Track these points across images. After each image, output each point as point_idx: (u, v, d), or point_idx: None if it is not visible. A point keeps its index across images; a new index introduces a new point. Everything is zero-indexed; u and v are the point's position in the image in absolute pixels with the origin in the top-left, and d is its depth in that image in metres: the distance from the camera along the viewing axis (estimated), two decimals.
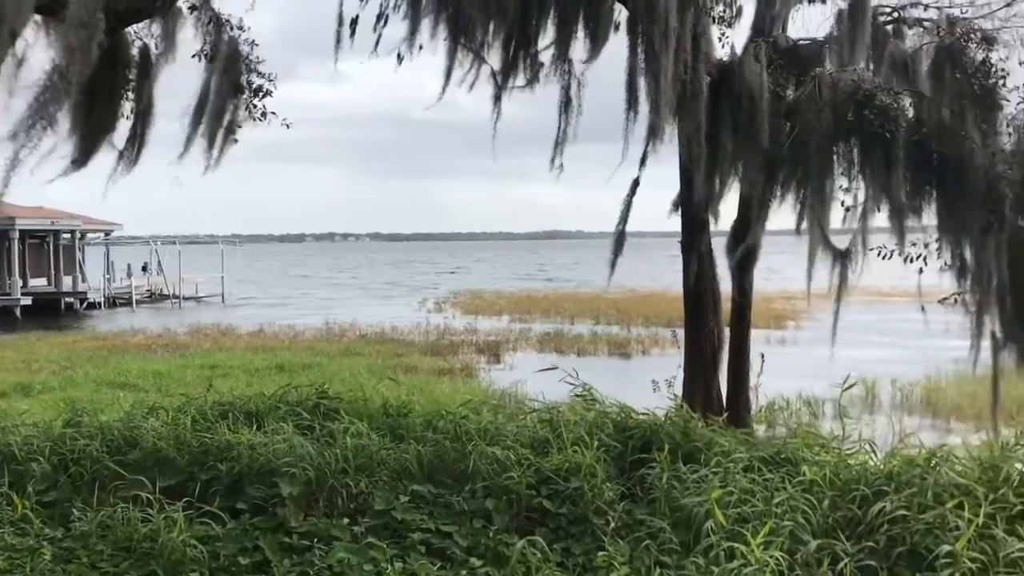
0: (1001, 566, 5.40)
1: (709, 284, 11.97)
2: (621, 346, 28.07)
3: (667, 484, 6.76)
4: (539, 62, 9.91)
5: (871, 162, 9.60)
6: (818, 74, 9.85)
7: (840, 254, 9.98)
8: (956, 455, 6.72)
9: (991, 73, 9.74)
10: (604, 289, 46.74)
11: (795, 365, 21.72)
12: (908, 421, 16.94)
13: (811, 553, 5.65)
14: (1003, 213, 9.34)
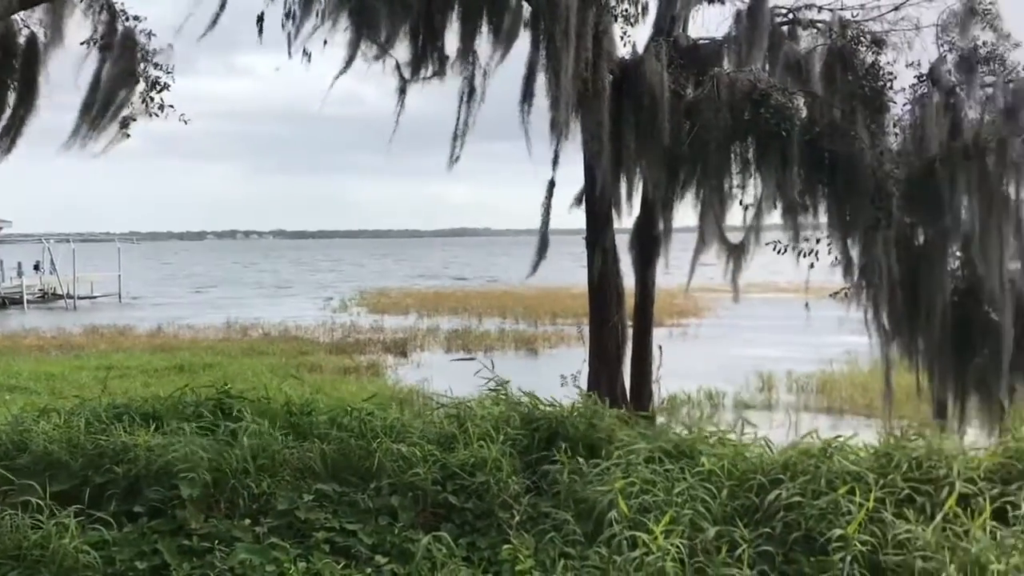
0: (890, 547, 5.61)
1: (613, 280, 12.14)
2: (528, 342, 28.25)
3: (571, 477, 6.83)
4: (445, 55, 9.89)
5: (767, 161, 9.88)
6: (716, 74, 10.08)
7: (735, 250, 10.24)
8: (849, 444, 6.96)
9: (880, 75, 10.12)
10: (512, 286, 47.01)
11: (698, 358, 22.21)
12: (804, 412, 17.50)
13: (710, 540, 5.78)
14: (890, 211, 9.72)
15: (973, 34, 10.40)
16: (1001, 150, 9.85)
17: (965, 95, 10.26)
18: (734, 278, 10.41)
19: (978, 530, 5.48)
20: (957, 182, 10.12)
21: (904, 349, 11.01)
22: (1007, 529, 5.72)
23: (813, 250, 10.76)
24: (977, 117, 10.35)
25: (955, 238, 10.58)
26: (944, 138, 10.18)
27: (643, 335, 12.67)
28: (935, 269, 10.42)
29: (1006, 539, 5.55)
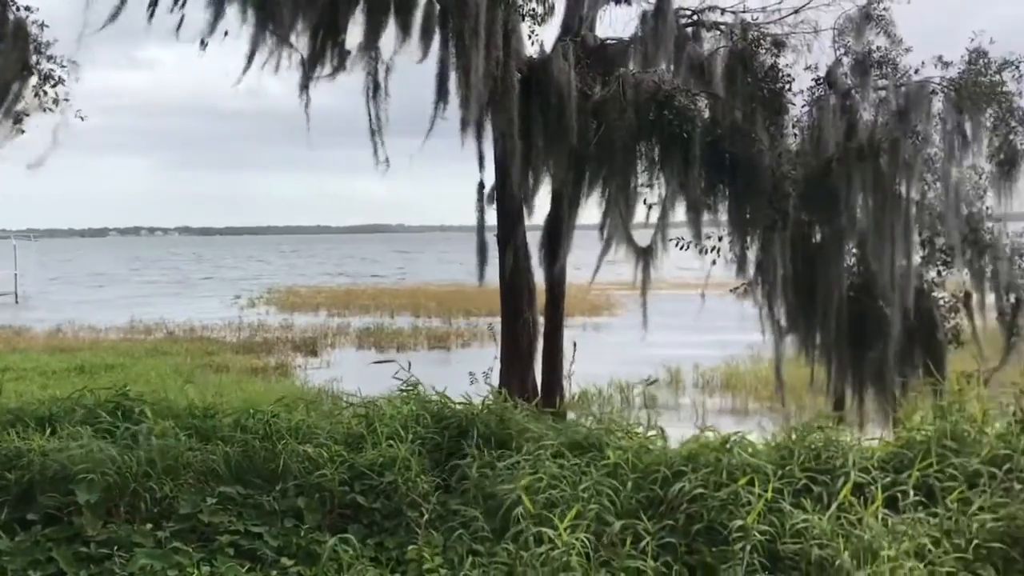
0: (788, 536, 5.77)
1: (524, 276, 12.22)
2: (441, 340, 28.23)
3: (480, 473, 6.85)
4: (347, 51, 9.81)
5: (670, 161, 10.07)
6: (622, 74, 10.23)
7: (642, 249, 10.43)
8: (749, 436, 7.15)
9: (779, 77, 10.40)
10: (425, 283, 46.87)
11: (609, 353, 22.49)
12: (710, 403, 17.92)
13: (615, 533, 5.88)
14: (787, 211, 10.02)
15: (868, 39, 10.79)
16: (894, 151, 10.24)
17: (860, 97, 10.63)
18: (645, 275, 10.59)
19: (871, 518, 5.68)
20: (853, 182, 10.49)
21: (802, 343, 11.35)
22: (898, 516, 5.96)
23: (715, 247, 11.00)
24: (871, 119, 10.73)
25: (851, 236, 10.95)
26: (840, 139, 10.53)
27: (554, 331, 12.78)
28: (831, 266, 10.78)
29: (897, 526, 5.78)
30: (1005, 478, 6.36)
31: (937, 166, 10.58)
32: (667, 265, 11.21)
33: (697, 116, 9.99)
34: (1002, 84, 10.47)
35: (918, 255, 11.33)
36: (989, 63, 10.47)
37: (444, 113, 9.20)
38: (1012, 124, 10.53)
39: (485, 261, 11.15)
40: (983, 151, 10.59)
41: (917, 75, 10.71)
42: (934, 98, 10.54)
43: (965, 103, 10.35)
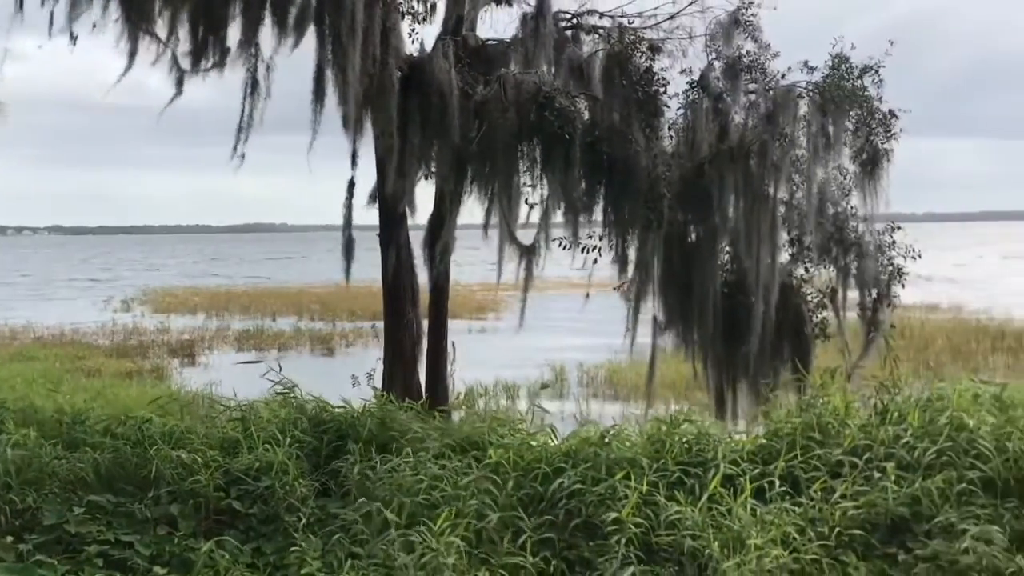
0: (662, 528, 5.93)
1: (407, 277, 12.17)
2: (325, 341, 27.84)
3: (360, 476, 6.81)
4: (227, 47, 9.59)
5: (551, 161, 10.20)
6: (503, 74, 10.29)
7: (525, 249, 10.53)
8: (626, 431, 7.32)
9: (654, 81, 10.65)
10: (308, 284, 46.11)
11: (496, 353, 22.61)
12: (593, 401, 18.22)
13: (494, 530, 5.93)
14: (662, 211, 10.29)
15: (738, 44, 11.16)
16: (762, 152, 10.63)
17: (731, 101, 10.99)
18: (528, 274, 10.69)
19: (739, 508, 5.89)
20: (725, 182, 10.83)
21: (679, 339, 11.66)
22: (765, 506, 6.19)
23: (596, 247, 11.20)
24: (742, 121, 11.11)
25: (723, 234, 11.30)
26: (713, 141, 10.86)
27: (438, 331, 12.77)
28: (706, 264, 11.11)
29: (765, 515, 6.01)
30: (865, 467, 6.69)
31: (804, 167, 11.03)
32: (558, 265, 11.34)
33: (577, 117, 10.15)
34: (863, 88, 10.99)
35: (787, 253, 11.79)
36: (851, 68, 10.97)
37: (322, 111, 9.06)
38: (873, 126, 11.06)
39: (351, 259, 11.05)
40: (845, 152, 11.10)
41: (784, 79, 11.14)
42: (800, 101, 10.98)
43: (829, 106, 10.82)
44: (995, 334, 25.44)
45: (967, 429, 6.79)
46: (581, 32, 12.55)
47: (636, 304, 11.11)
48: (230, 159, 9.69)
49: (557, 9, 12.51)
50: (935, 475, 6.47)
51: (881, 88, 11.14)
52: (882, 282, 11.66)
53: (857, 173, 11.12)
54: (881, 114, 11.03)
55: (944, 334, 25.53)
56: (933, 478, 6.40)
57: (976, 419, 7.06)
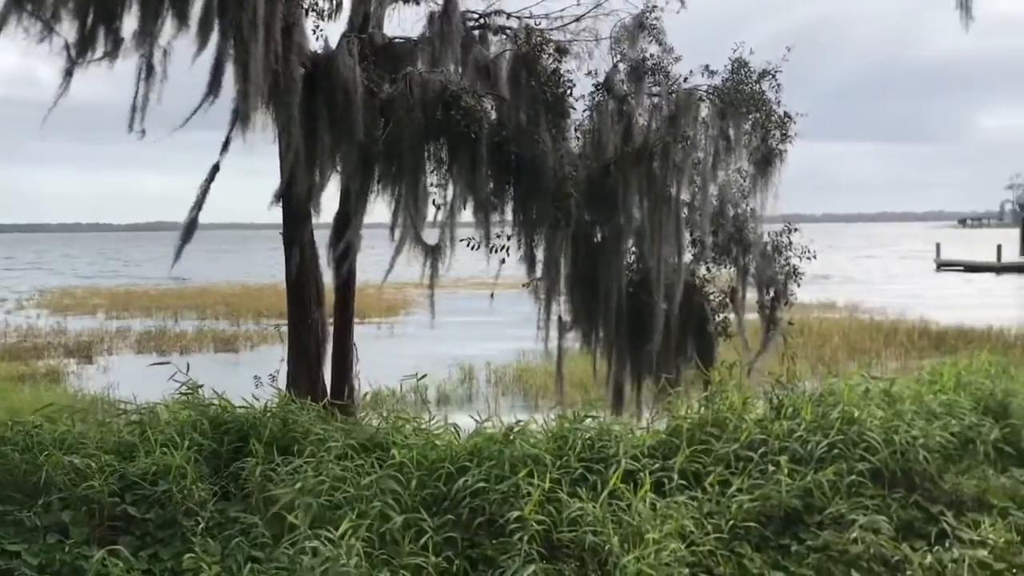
0: (564, 525, 6.00)
1: (312, 276, 12.00)
2: (229, 342, 27.29)
3: (262, 478, 6.71)
4: (120, 37, 9.31)
5: (458, 161, 10.21)
6: (409, 73, 10.25)
7: (431, 249, 10.52)
8: (531, 428, 7.38)
9: (560, 82, 10.75)
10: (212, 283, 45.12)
11: (405, 353, 22.47)
12: (503, 399, 18.29)
13: (397, 531, 5.91)
14: (569, 210, 10.40)
15: (642, 47, 11.34)
16: (665, 154, 10.84)
17: (635, 103, 11.17)
18: (433, 275, 10.67)
19: (639, 503, 6.00)
20: (629, 183, 11.00)
21: (585, 338, 11.81)
22: (664, 500, 6.32)
23: (505, 247, 11.25)
24: (646, 124, 11.30)
25: (628, 235, 11.48)
26: (618, 142, 11.01)
27: (344, 331, 12.63)
28: (611, 263, 11.27)
29: (664, 509, 6.13)
30: (761, 461, 6.89)
31: (706, 169, 11.28)
32: (470, 264, 11.35)
33: (484, 117, 10.16)
34: (762, 92, 11.30)
35: (690, 253, 12.04)
36: (750, 73, 11.26)
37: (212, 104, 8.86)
38: (770, 129, 11.37)
39: (187, 241, 10.60)
40: (744, 155, 11.38)
41: (687, 83, 11.38)
42: (701, 105, 11.23)
43: (729, 110, 11.09)
44: (888, 331, 26.44)
45: (857, 423, 7.06)
46: (488, 32, 12.58)
47: (547, 303, 11.19)
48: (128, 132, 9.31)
49: (464, 9, 12.53)
50: (827, 468, 6.72)
51: (779, 92, 11.48)
52: (779, 281, 12.02)
53: (751, 173, 11.43)
54: (778, 117, 11.35)
55: (840, 331, 26.42)
56: (824, 471, 6.64)
57: (866, 413, 7.35)
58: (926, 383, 8.67)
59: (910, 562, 5.96)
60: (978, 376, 8.65)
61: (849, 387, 7.80)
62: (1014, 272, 59.59)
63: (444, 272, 10.72)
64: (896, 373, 18.53)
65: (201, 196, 10.19)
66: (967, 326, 26.41)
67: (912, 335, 25.65)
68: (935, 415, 7.67)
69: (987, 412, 7.99)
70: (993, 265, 62.78)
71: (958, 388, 8.42)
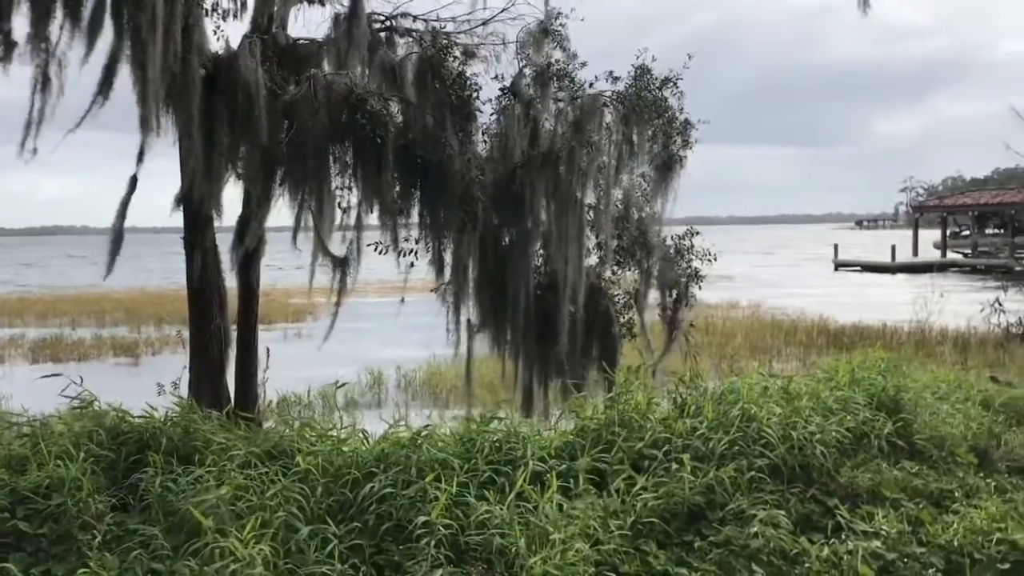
0: (472, 528, 6.01)
1: (214, 281, 11.74)
2: (129, 349, 26.49)
3: (161, 488, 6.54)
4: (12, 40, 8.98)
5: (364, 164, 10.12)
6: (313, 75, 10.12)
7: (339, 261, 10.42)
8: (439, 432, 7.37)
9: (467, 85, 10.75)
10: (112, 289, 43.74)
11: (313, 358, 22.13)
12: (412, 404, 18.19)
13: (303, 540, 5.84)
14: (476, 214, 10.42)
15: (547, 52, 11.43)
16: (570, 159, 10.94)
17: (541, 108, 11.25)
18: (342, 281, 10.55)
19: (546, 504, 6.05)
20: (536, 187, 11.07)
21: (494, 341, 11.84)
22: (572, 501, 6.39)
23: (413, 250, 11.21)
24: (552, 128, 11.39)
25: (536, 237, 11.56)
26: (525, 147, 11.08)
27: (247, 337, 12.39)
28: (519, 266, 11.32)
29: (571, 510, 6.20)
30: (665, 459, 7.03)
31: (610, 174, 11.42)
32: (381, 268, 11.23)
33: (389, 120, 10.10)
34: (664, 99, 11.51)
35: (595, 256, 12.18)
36: (652, 79, 11.46)
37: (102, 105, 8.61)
38: (672, 135, 11.59)
39: (116, 254, 10.52)
40: (646, 160, 11.58)
41: (591, 88, 11.51)
42: (605, 110, 11.37)
43: (632, 115, 11.26)
44: (788, 329, 27.22)
45: (756, 420, 7.25)
46: (396, 35, 12.53)
47: (455, 306, 11.18)
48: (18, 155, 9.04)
49: (371, 10, 12.45)
50: (728, 464, 6.88)
51: (682, 99, 11.72)
52: (681, 284, 12.26)
53: (652, 176, 11.63)
54: (679, 123, 11.58)
55: (743, 330, 27.10)
56: (726, 467, 6.80)
57: (765, 410, 7.56)
58: (823, 380, 8.96)
59: (808, 555, 6.14)
60: (871, 373, 8.97)
61: (748, 385, 8.01)
62: (907, 272, 62.01)
63: (351, 284, 10.61)
64: (796, 370, 19.10)
65: (122, 210, 9.98)
66: (863, 324, 27.36)
67: (811, 333, 26.47)
68: (831, 411, 7.94)
69: (880, 407, 8.31)
70: (888, 265, 65.26)
71: (852, 384, 8.72)
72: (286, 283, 31.78)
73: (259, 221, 10.45)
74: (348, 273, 10.46)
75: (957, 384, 10.74)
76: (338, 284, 10.52)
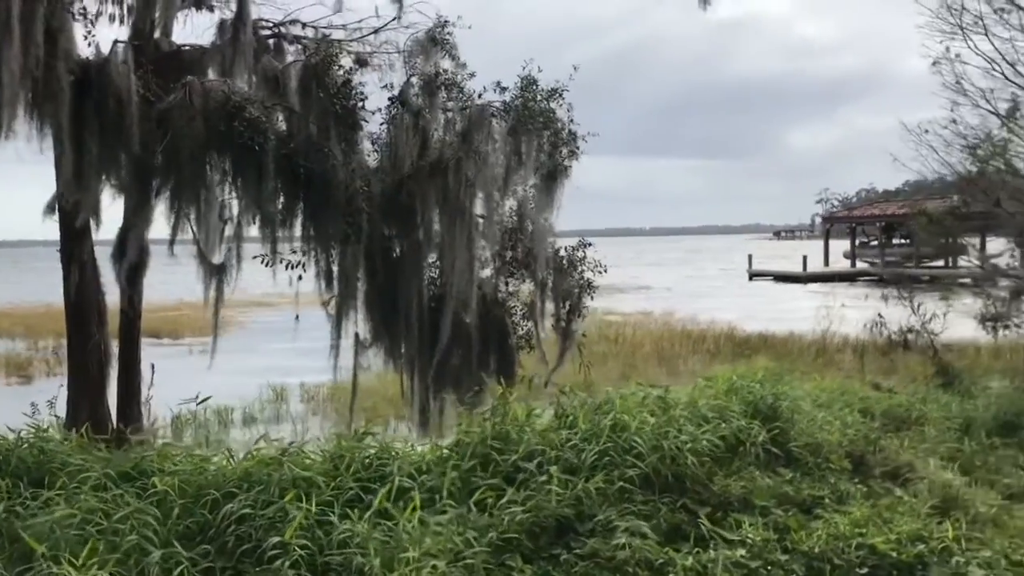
0: (334, 547, 5.82)
1: (92, 295, 11.34)
2: (22, 367, 25.43)
3: (8, 513, 6.21)
4: None
5: (243, 174, 9.85)
6: (190, 82, 9.82)
7: (216, 269, 10.11)
8: (306, 449, 7.16)
9: (351, 94, 10.57)
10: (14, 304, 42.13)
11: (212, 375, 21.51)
12: (313, 421, 17.79)
13: (155, 564, 5.59)
14: (360, 225, 10.22)
15: (436, 62, 11.30)
16: (459, 169, 10.82)
17: (430, 118, 11.11)
18: (219, 293, 10.24)
19: (405, 520, 5.89)
20: (426, 197, 10.93)
21: (388, 354, 11.64)
22: (439, 516, 6.24)
23: (300, 262, 10.95)
24: (441, 138, 11.25)
25: (429, 249, 11.40)
26: (414, 157, 10.92)
27: (130, 353, 11.98)
28: (411, 278, 11.15)
29: (435, 526, 6.05)
30: (537, 472, 6.93)
31: (497, 184, 11.32)
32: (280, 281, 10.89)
33: (269, 128, 9.85)
34: (552, 110, 11.48)
35: (489, 267, 12.08)
36: (537, 90, 11.42)
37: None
38: (558, 145, 11.56)
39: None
40: (533, 171, 11.51)
41: (480, 99, 11.41)
42: (493, 120, 11.28)
43: (519, 125, 11.20)
44: (696, 338, 27.51)
45: (628, 430, 7.21)
46: (285, 42, 12.31)
47: (338, 319, 10.93)
48: None
49: (259, 17, 12.21)
50: (598, 475, 6.83)
51: (572, 111, 11.71)
52: (574, 295, 12.22)
53: (539, 189, 11.58)
54: (566, 134, 11.55)
55: (652, 339, 27.30)
56: (595, 478, 6.74)
57: (637, 420, 7.53)
58: (702, 389, 9.00)
59: (674, 564, 6.10)
60: (749, 381, 9.04)
61: (623, 396, 7.99)
62: (817, 281, 63.48)
63: (230, 292, 10.31)
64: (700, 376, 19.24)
65: None
66: (768, 333, 27.80)
67: (718, 341, 26.80)
68: (706, 420, 7.95)
69: (756, 415, 8.36)
70: (799, 275, 66.73)
71: (730, 393, 8.77)
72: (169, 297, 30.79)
73: (135, 232, 10.08)
74: (225, 282, 10.15)
75: (841, 392, 10.95)
76: (215, 293, 10.19)
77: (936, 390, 12.84)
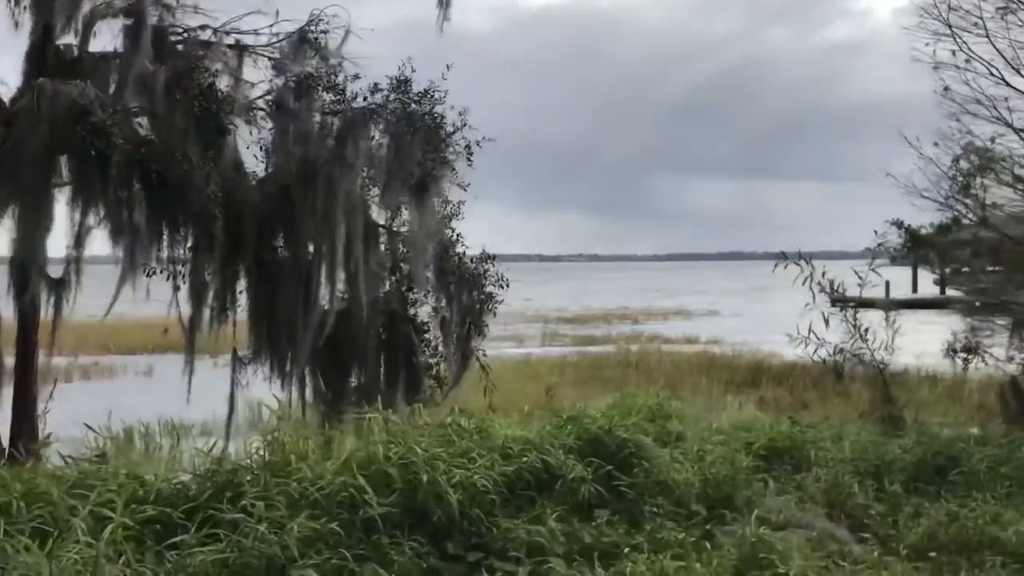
0: None
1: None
2: None
3: None
4: None
5: (88, 179, 9.39)
6: (38, 84, 9.43)
7: (54, 283, 9.66)
8: None
9: (217, 98, 10.04)
10: None
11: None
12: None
13: None
14: (213, 233, 9.63)
15: (313, 63, 10.71)
16: (329, 175, 10.17)
17: (304, 121, 10.50)
18: (56, 309, 9.75)
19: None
20: (306, 205, 10.31)
21: (274, 372, 11.00)
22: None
23: (172, 274, 10.42)
24: (319, 142, 10.62)
25: (316, 260, 10.76)
26: (293, 163, 10.32)
27: (26, 368, 11.60)
28: (293, 289, 10.53)
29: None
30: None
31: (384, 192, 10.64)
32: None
33: (116, 132, 9.37)
34: (431, 110, 10.74)
35: (391, 280, 11.38)
36: (409, 89, 10.72)
37: None
38: (439, 148, 10.81)
39: None
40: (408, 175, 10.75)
41: (357, 101, 10.76)
42: (372, 123, 10.60)
43: (400, 127, 10.50)
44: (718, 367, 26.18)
45: (375, 462, 6.39)
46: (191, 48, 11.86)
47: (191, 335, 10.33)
48: None
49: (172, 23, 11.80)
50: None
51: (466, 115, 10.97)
52: (475, 310, 11.41)
53: (412, 197, 10.81)
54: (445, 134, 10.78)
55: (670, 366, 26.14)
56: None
57: (420, 449, 6.71)
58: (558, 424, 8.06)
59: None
60: (596, 413, 8.09)
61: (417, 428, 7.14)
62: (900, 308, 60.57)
63: (68, 311, 9.77)
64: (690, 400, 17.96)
65: None
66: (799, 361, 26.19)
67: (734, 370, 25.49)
68: (509, 455, 7.04)
69: (596, 451, 7.46)
70: (880, 301, 63.84)
71: (567, 425, 7.85)
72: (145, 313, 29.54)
73: None
74: (64, 297, 9.66)
75: (747, 426, 9.89)
76: (53, 309, 9.70)
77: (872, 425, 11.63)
